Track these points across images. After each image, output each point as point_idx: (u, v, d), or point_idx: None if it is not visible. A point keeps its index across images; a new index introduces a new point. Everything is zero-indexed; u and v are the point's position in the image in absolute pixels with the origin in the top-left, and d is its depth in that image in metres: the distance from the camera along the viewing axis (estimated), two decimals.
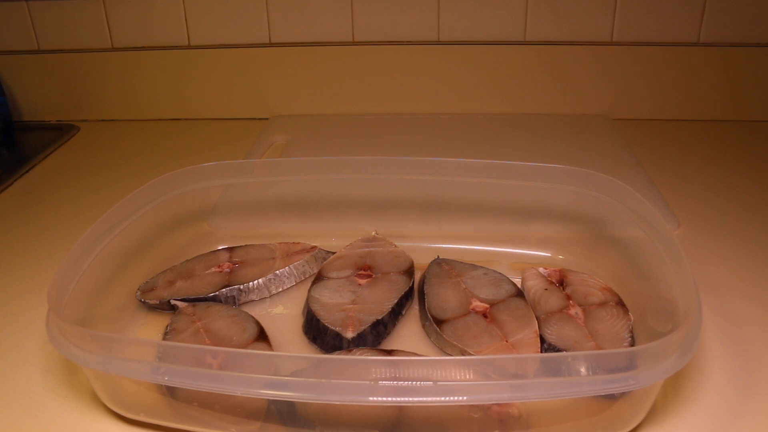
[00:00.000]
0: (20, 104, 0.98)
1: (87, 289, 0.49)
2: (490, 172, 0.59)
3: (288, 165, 0.63)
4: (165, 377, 0.38)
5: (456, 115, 0.92)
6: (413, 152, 0.62)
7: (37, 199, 0.77)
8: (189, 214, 0.63)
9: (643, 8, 0.84)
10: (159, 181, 0.58)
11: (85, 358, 0.40)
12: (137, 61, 0.94)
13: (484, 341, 0.48)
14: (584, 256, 0.59)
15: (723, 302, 0.54)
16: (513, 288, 0.54)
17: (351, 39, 0.91)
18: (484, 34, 0.89)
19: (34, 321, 0.55)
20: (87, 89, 0.97)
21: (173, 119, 0.98)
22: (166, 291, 0.55)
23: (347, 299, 0.53)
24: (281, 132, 0.89)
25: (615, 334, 0.47)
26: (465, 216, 0.64)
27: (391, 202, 0.64)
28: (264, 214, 0.66)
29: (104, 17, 0.92)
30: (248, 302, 0.56)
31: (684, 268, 0.43)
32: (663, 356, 0.37)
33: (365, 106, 0.94)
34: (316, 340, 0.50)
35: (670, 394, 0.45)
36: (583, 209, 0.58)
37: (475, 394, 0.36)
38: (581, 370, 0.37)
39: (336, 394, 0.37)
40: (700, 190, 0.72)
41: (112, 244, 0.52)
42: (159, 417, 0.43)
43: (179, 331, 0.50)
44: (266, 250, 0.60)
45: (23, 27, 0.93)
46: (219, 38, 0.92)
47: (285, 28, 0.91)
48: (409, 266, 0.57)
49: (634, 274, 0.53)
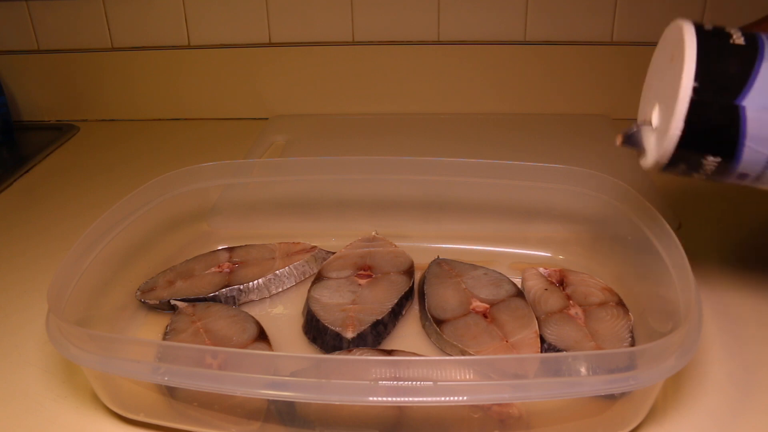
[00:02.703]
0: (20, 104, 0.98)
1: (87, 289, 0.49)
2: (490, 172, 0.59)
3: (288, 165, 0.63)
4: (165, 377, 0.38)
5: (456, 115, 0.92)
6: (413, 152, 0.62)
7: (36, 199, 0.77)
8: (189, 214, 0.63)
9: (643, 8, 0.84)
10: (159, 181, 0.58)
11: (84, 358, 0.40)
12: (137, 61, 0.94)
13: (484, 341, 0.48)
14: (584, 256, 0.59)
15: (723, 302, 0.54)
16: (513, 288, 0.53)
17: (351, 39, 0.91)
18: (484, 34, 0.88)
19: (34, 321, 0.55)
20: (87, 89, 0.97)
21: (173, 119, 0.98)
22: (166, 291, 0.55)
23: (347, 299, 0.53)
24: (281, 132, 0.89)
25: (615, 334, 0.47)
26: (465, 216, 0.64)
27: (391, 202, 0.64)
28: (264, 214, 0.66)
29: (104, 17, 0.92)
30: (248, 302, 0.56)
31: (684, 268, 0.43)
32: (663, 356, 0.37)
33: (365, 106, 0.94)
34: (316, 340, 0.50)
35: (670, 394, 0.45)
36: (583, 209, 0.58)
37: (475, 394, 0.36)
38: (581, 370, 0.37)
39: (336, 394, 0.37)
40: (700, 190, 0.72)
41: (112, 244, 0.52)
42: (159, 417, 0.43)
43: (179, 331, 0.50)
44: (266, 250, 0.60)
45: (23, 27, 0.93)
46: (219, 38, 0.92)
47: (285, 28, 0.91)
48: (409, 266, 0.57)
49: (634, 274, 0.53)
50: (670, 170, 0.41)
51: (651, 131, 0.42)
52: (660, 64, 0.43)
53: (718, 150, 0.38)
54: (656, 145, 0.41)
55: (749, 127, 0.37)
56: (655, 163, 0.41)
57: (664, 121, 0.40)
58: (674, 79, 0.38)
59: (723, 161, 0.39)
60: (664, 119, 0.40)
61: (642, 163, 0.43)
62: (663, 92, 0.41)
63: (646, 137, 0.42)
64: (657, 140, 0.41)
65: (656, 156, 0.40)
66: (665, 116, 0.39)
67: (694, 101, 0.37)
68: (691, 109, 0.37)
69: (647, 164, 0.42)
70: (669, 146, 0.39)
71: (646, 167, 0.42)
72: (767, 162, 0.38)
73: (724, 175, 0.40)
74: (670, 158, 0.39)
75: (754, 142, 0.37)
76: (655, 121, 0.41)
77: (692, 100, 0.37)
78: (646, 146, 0.42)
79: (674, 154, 0.39)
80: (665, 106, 0.40)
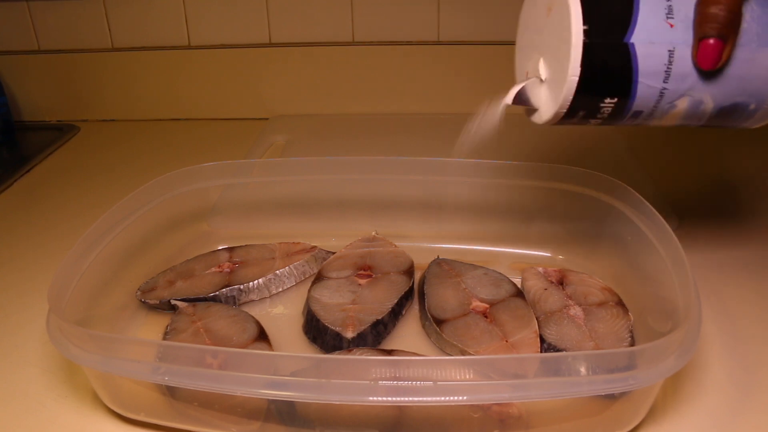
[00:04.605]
0: (20, 104, 0.98)
1: (87, 289, 0.49)
2: (490, 172, 0.59)
3: (288, 165, 0.63)
4: (165, 377, 0.38)
5: (456, 115, 0.92)
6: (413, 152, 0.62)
7: (37, 199, 0.77)
8: (189, 214, 0.63)
9: None
10: (159, 181, 0.58)
11: (85, 358, 0.40)
12: (137, 61, 0.94)
13: (484, 341, 0.48)
14: (584, 256, 0.59)
15: (723, 302, 0.54)
16: (513, 288, 0.54)
17: (351, 39, 0.91)
18: (484, 34, 0.88)
19: (34, 321, 0.55)
20: (87, 89, 0.97)
21: (173, 119, 0.98)
22: (166, 291, 0.55)
23: (347, 299, 0.53)
24: (281, 132, 0.89)
25: (615, 334, 0.47)
26: (465, 216, 0.64)
27: (391, 202, 0.64)
28: (264, 214, 0.66)
29: (104, 17, 0.92)
30: (248, 302, 0.56)
31: (684, 268, 0.43)
32: (663, 356, 0.37)
33: (365, 106, 0.94)
34: (316, 340, 0.50)
35: (670, 394, 0.45)
36: (583, 209, 0.58)
37: (475, 394, 0.36)
38: (581, 370, 0.37)
39: (336, 394, 0.37)
40: (699, 190, 0.72)
41: (112, 244, 0.53)
42: (159, 417, 0.43)
43: (179, 331, 0.50)
44: (266, 250, 0.60)
45: (23, 27, 0.93)
46: (219, 38, 0.92)
47: (285, 28, 0.91)
48: (409, 266, 0.57)
49: (634, 274, 0.53)
50: (567, 121, 0.41)
51: (540, 85, 0.42)
52: (534, 19, 0.43)
53: (614, 90, 0.39)
54: (552, 96, 0.41)
55: (640, 63, 0.38)
56: (553, 116, 0.41)
57: (556, 71, 0.40)
58: (559, 28, 0.38)
59: (619, 101, 0.39)
60: (556, 69, 0.40)
61: (535, 119, 0.43)
62: (546, 44, 0.41)
63: (535, 93, 0.42)
64: (552, 92, 0.40)
65: (555, 107, 0.40)
66: (556, 66, 0.39)
67: (586, 44, 0.37)
68: (585, 52, 0.37)
69: (544, 119, 0.42)
70: (568, 94, 0.39)
71: (543, 122, 0.42)
72: (658, 96, 0.39)
73: (619, 116, 0.40)
74: (569, 107, 0.39)
75: (646, 77, 0.38)
76: (544, 74, 0.41)
77: (584, 43, 0.37)
78: (537, 102, 0.42)
79: (573, 101, 0.39)
80: (553, 57, 0.40)
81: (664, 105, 0.40)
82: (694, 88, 0.39)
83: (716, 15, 0.37)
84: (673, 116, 0.41)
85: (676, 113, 0.40)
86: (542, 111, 0.42)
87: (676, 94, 0.39)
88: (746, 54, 0.38)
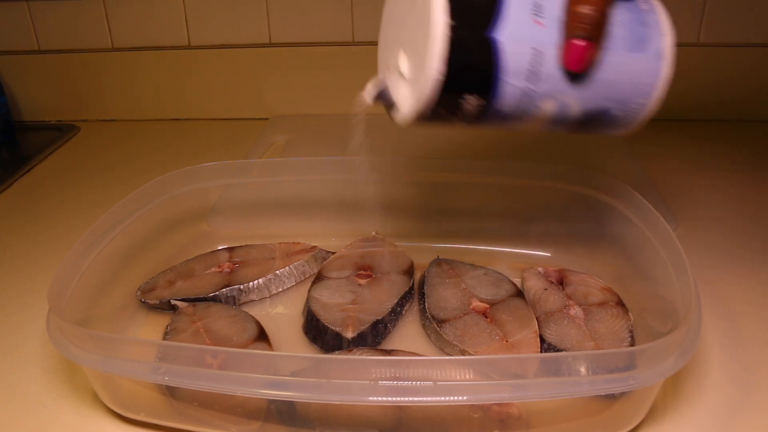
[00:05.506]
0: (20, 104, 0.99)
1: (87, 289, 0.49)
2: (490, 171, 0.59)
3: (288, 165, 0.63)
4: (165, 377, 0.38)
5: None
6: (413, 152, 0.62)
7: (37, 199, 0.77)
8: (189, 214, 0.63)
9: None
10: (159, 181, 0.58)
11: (85, 357, 0.40)
12: (137, 61, 0.94)
13: (484, 341, 0.48)
14: (584, 256, 0.59)
15: (723, 302, 0.54)
16: (513, 288, 0.54)
17: (351, 39, 0.91)
18: None
19: (34, 321, 0.55)
20: (87, 89, 0.97)
21: (173, 119, 0.98)
22: (166, 291, 0.55)
23: (347, 299, 0.53)
24: (281, 132, 0.89)
25: (615, 334, 0.47)
26: (465, 216, 0.64)
27: (391, 202, 0.64)
28: (264, 214, 0.66)
29: (104, 17, 0.92)
30: (248, 302, 0.56)
31: (684, 268, 0.43)
32: (663, 356, 0.37)
33: None
34: (316, 340, 0.50)
35: (670, 394, 0.45)
36: (583, 209, 0.58)
37: (475, 394, 0.36)
38: (581, 370, 0.37)
39: (336, 394, 0.37)
40: (699, 190, 0.72)
41: (112, 244, 0.53)
42: (159, 417, 0.43)
43: (179, 331, 0.50)
44: (266, 250, 0.60)
45: (23, 27, 0.93)
46: (219, 38, 0.92)
47: (285, 28, 0.91)
48: (409, 266, 0.57)
49: (634, 274, 0.53)
50: (430, 119, 0.39)
51: (400, 81, 0.40)
52: (398, 11, 0.41)
53: (475, 87, 0.37)
54: (413, 92, 0.38)
55: (503, 60, 0.36)
56: (414, 113, 0.39)
57: (417, 66, 0.38)
58: (422, 21, 0.36)
59: (481, 99, 0.37)
60: (416, 64, 0.38)
61: (396, 117, 0.41)
62: (408, 38, 0.39)
63: (395, 89, 0.40)
64: (413, 87, 0.38)
65: (415, 104, 0.38)
66: (418, 61, 0.38)
67: (448, 38, 0.35)
68: (447, 46, 0.35)
69: (404, 116, 0.40)
70: (429, 90, 0.36)
71: (403, 120, 0.40)
72: (522, 96, 0.37)
73: (483, 116, 0.38)
74: (429, 103, 0.37)
75: (508, 75, 0.36)
76: (405, 69, 0.39)
77: (447, 37, 0.35)
78: (398, 98, 0.40)
79: (433, 98, 0.37)
80: (415, 52, 0.38)
81: (528, 106, 0.38)
82: (560, 90, 0.37)
83: (586, 15, 0.36)
84: (540, 119, 0.39)
85: (542, 116, 0.39)
86: (403, 108, 0.40)
87: (541, 96, 0.37)
88: (613, 58, 0.37)
